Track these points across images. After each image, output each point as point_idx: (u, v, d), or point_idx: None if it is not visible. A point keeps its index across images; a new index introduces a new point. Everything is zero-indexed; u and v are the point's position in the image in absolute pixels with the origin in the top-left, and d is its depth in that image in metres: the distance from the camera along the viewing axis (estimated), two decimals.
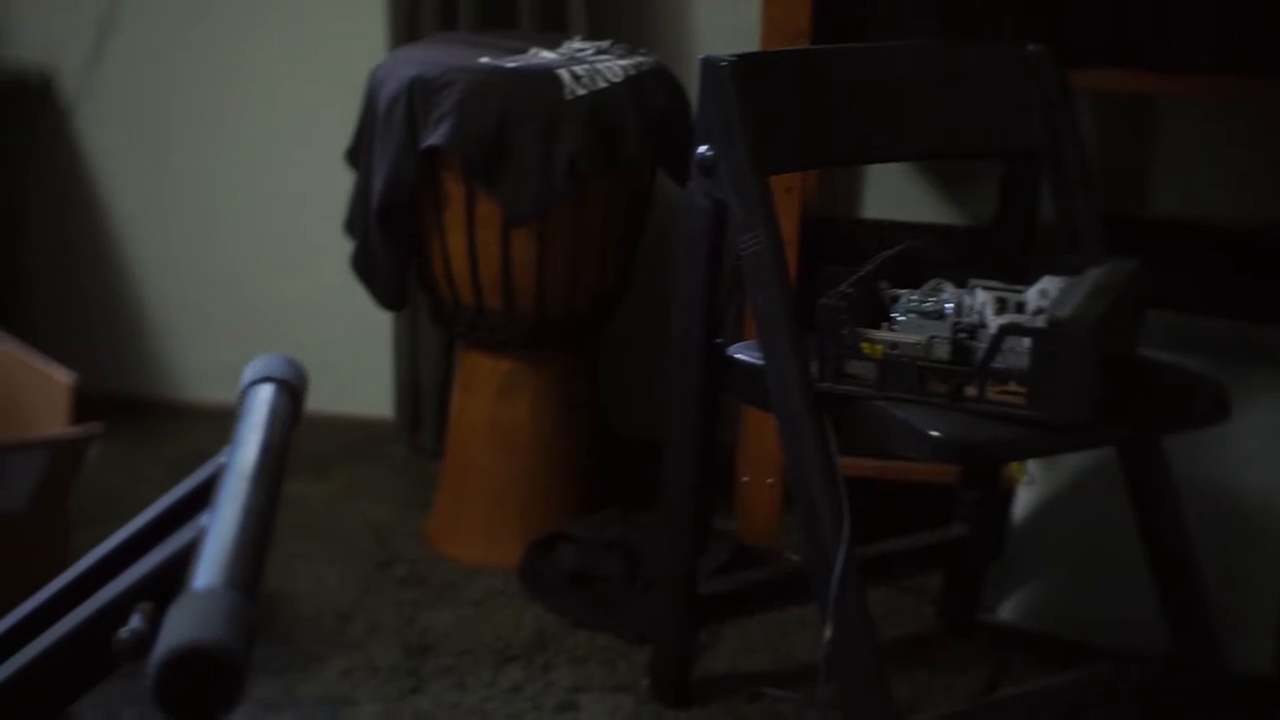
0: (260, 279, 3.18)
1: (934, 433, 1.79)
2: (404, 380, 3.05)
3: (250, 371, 1.17)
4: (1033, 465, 2.41)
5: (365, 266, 2.58)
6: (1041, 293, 1.92)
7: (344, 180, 2.64)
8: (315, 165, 3.01)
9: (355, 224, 2.59)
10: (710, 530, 2.57)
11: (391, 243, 2.51)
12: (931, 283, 1.96)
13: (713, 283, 2.06)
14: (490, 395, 2.63)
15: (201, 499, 1.04)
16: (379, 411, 3.14)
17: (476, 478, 2.66)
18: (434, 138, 2.38)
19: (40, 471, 1.98)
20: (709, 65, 1.95)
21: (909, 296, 1.92)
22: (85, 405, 2.07)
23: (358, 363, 3.12)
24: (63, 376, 2.08)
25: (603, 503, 2.68)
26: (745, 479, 2.65)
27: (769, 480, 2.62)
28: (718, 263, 2.05)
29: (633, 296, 2.72)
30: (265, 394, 1.14)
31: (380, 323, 3.02)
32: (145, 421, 3.14)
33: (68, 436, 2.01)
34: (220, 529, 0.92)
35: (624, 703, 2.24)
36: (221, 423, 3.21)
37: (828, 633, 1.84)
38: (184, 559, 0.92)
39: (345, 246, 2.63)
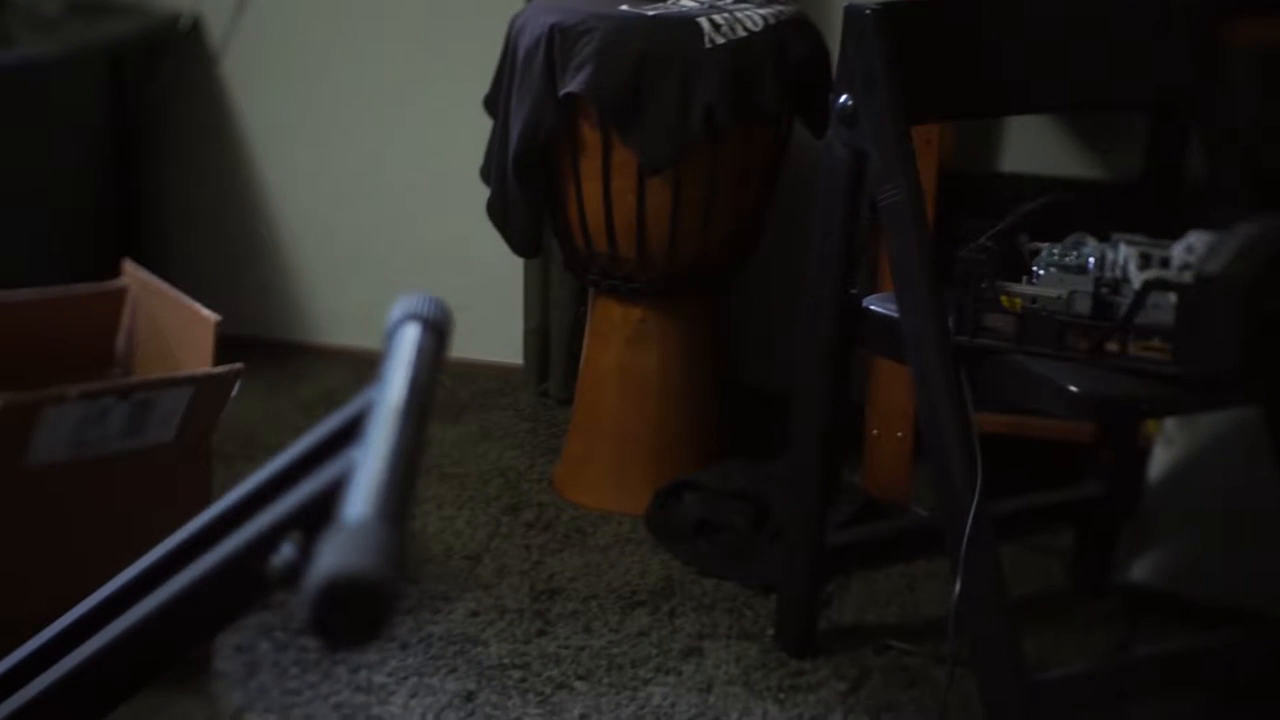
0: (395, 225, 3.22)
1: (1073, 388, 1.76)
2: (534, 327, 3.08)
3: (397, 311, 1.18)
4: (1170, 423, 2.37)
5: (500, 213, 2.60)
6: (1188, 248, 1.88)
7: (481, 127, 2.66)
8: (452, 112, 3.03)
9: (491, 171, 2.61)
10: (838, 482, 2.56)
11: (527, 189, 2.53)
12: (1073, 237, 1.93)
13: (849, 234, 2.04)
14: (621, 343, 2.64)
15: (349, 434, 1.05)
16: (509, 358, 3.17)
17: (605, 425, 2.68)
18: (572, 85, 2.38)
19: (186, 407, 2.03)
20: (853, 13, 1.93)
21: (1050, 250, 1.89)
22: (224, 347, 2.12)
23: (489, 309, 3.15)
24: (207, 316, 2.12)
25: (731, 452, 2.69)
26: (875, 432, 2.64)
27: (899, 433, 2.61)
28: (854, 214, 2.03)
29: (765, 246, 2.71)
30: (411, 333, 1.15)
31: (512, 270, 3.04)
32: (279, 364, 3.21)
33: (212, 374, 2.05)
34: (370, 462, 0.94)
35: (749, 651, 2.25)
36: (354, 366, 3.26)
37: (958, 587, 1.83)
38: (334, 491, 0.94)
39: (480, 193, 2.65)
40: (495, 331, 3.17)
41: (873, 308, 2.05)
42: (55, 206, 3.00)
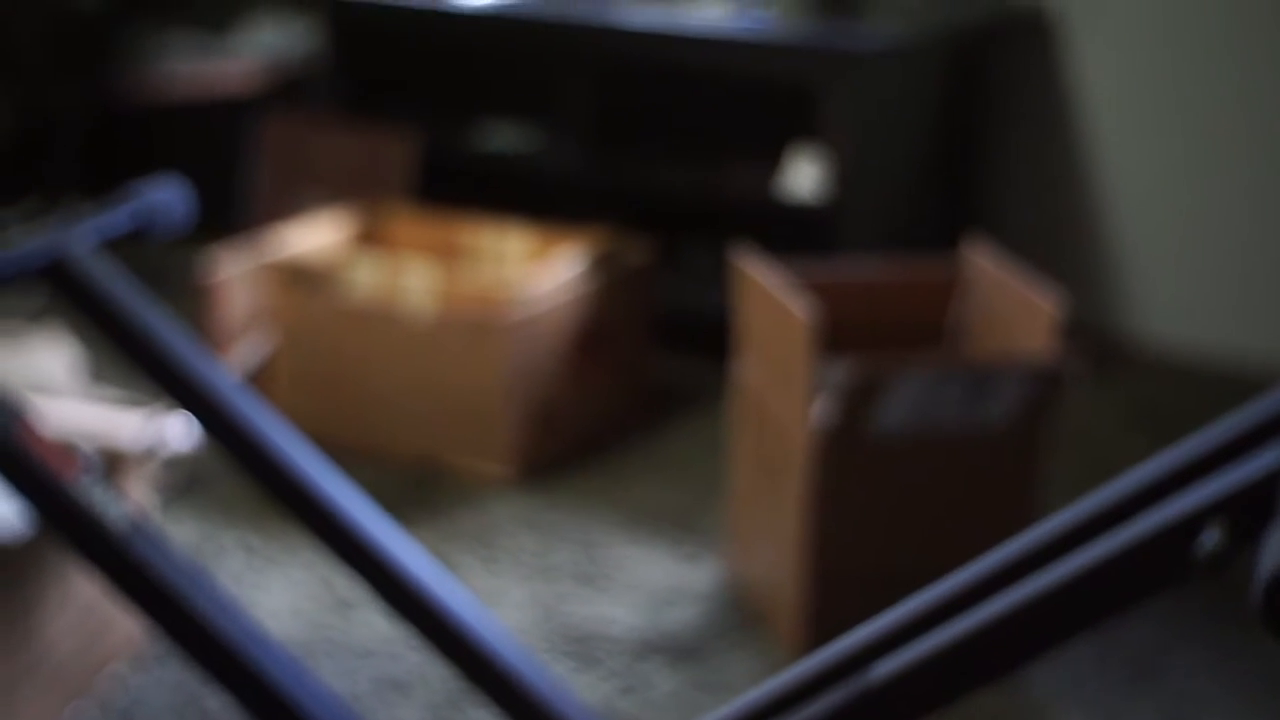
0: (1209, 221, 3.07)
1: None
2: None
3: None
4: None
5: None
6: None
7: None
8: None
9: None
10: None
11: None
12: None
13: None
14: None
15: (1270, 427, 1.00)
16: None
17: None
18: None
19: (1024, 390, 2.04)
20: None
21: None
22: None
23: None
24: (1048, 301, 2.11)
25: None
26: None
27: None
28: None
29: None
30: None
31: None
32: (1103, 353, 3.14)
33: (1054, 362, 2.04)
34: None
35: None
36: (1172, 360, 3.11)
37: None
38: (1270, 482, 0.90)
39: None
40: None
41: None
42: (902, 177, 3.12)
